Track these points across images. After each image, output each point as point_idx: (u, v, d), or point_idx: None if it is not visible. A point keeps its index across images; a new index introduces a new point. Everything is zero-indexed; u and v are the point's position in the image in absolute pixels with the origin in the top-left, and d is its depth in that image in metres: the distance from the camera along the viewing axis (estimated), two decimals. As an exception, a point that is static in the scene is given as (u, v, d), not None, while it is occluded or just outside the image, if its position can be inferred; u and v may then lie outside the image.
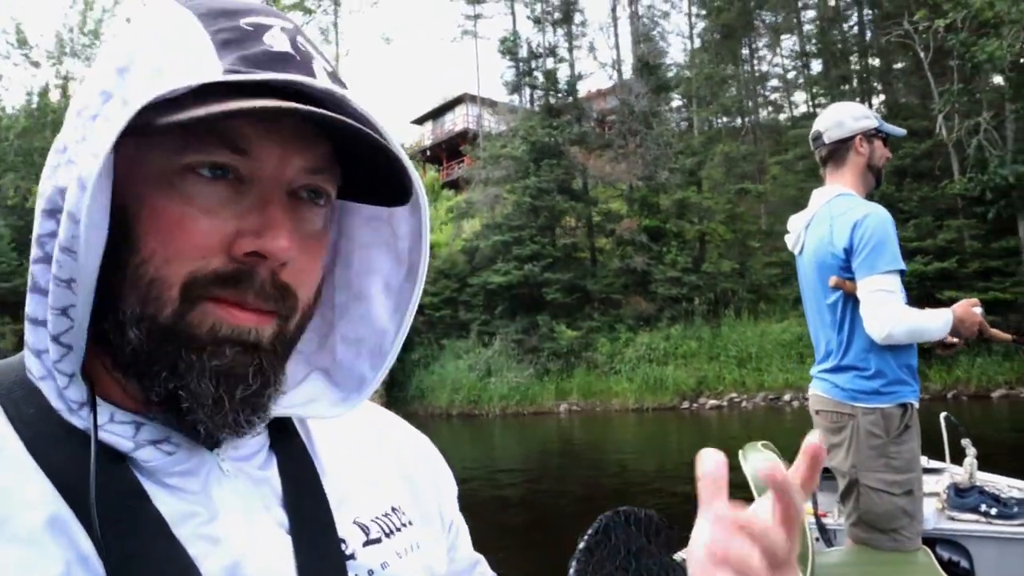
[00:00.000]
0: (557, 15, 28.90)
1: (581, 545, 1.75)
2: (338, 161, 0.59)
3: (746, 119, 26.82)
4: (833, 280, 2.68)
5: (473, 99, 29.94)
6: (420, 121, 47.11)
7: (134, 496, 0.53)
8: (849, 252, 2.63)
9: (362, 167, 0.59)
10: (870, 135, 2.79)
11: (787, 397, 20.76)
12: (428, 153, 43.88)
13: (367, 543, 0.64)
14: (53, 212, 0.52)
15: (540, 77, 28.33)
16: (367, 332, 0.68)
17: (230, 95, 0.49)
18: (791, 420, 18.41)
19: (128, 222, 0.52)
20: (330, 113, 0.50)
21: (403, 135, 45.60)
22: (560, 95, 28.51)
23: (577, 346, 24.13)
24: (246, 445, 0.62)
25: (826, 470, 3.22)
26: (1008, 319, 19.00)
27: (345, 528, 0.63)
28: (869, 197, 2.80)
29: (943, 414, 3.60)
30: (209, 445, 0.58)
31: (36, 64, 31.84)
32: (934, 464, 3.75)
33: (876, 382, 2.69)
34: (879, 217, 2.63)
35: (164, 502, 0.54)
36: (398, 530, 0.68)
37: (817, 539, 3.21)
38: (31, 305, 0.53)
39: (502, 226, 26.61)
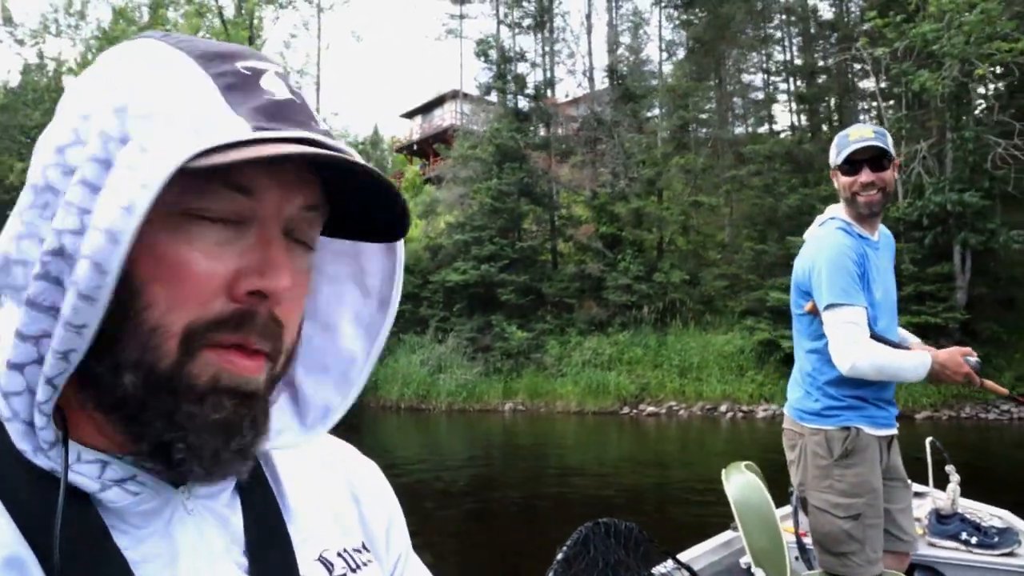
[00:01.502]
0: (530, 21, 29.37)
1: (559, 556, 1.75)
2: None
3: (706, 131, 27.14)
4: (808, 305, 2.73)
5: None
6: (410, 115, 47.55)
7: (97, 536, 0.52)
8: (807, 281, 2.70)
9: (349, 207, 0.60)
10: (835, 169, 2.81)
11: (723, 408, 21.20)
12: (415, 147, 44.35)
13: None
14: (45, 253, 0.50)
15: (510, 81, 28.72)
16: (333, 360, 0.68)
17: (246, 142, 0.50)
18: (725, 431, 18.91)
19: (131, 264, 0.50)
20: (361, 161, 0.53)
21: (392, 128, 45.98)
22: (528, 99, 28.97)
23: (528, 347, 24.59)
24: (211, 485, 0.60)
25: None
26: (939, 343, 19.40)
27: (308, 566, 0.64)
28: (878, 216, 2.79)
29: (928, 439, 3.61)
30: (175, 483, 0.58)
31: (21, 42, 32.31)
32: (917, 488, 3.68)
33: (819, 404, 2.73)
34: (827, 250, 2.65)
35: (126, 543, 0.54)
36: (364, 565, 0.69)
37: (797, 559, 3.21)
38: (17, 348, 0.51)
39: (465, 225, 27.08)
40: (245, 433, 0.55)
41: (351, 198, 0.59)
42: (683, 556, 2.96)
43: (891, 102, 22.17)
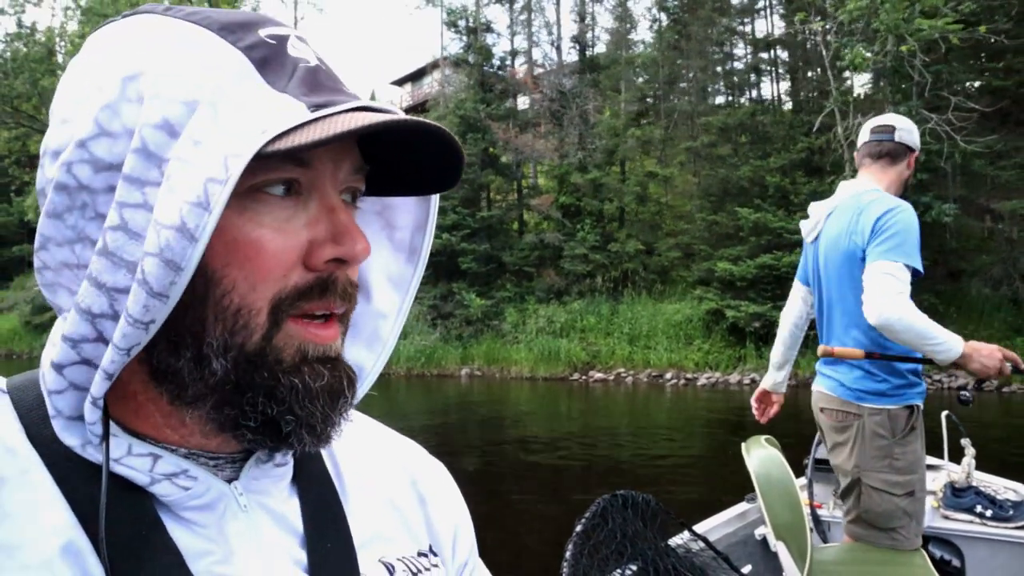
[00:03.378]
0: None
1: (578, 528, 1.74)
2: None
3: (665, 103, 27.40)
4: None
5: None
6: (400, 83, 47.76)
7: (151, 528, 0.52)
8: (870, 237, 2.58)
9: (397, 163, 0.61)
10: (913, 151, 2.84)
11: (668, 376, 21.83)
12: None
13: None
14: (110, 254, 0.49)
15: (475, 52, 29.00)
16: (363, 320, 0.67)
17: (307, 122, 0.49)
18: (670, 397, 19.57)
19: (204, 255, 0.49)
20: (434, 124, 0.53)
21: (383, 95, 46.39)
22: (494, 70, 29.28)
23: (487, 314, 25.24)
24: (267, 477, 0.60)
25: (822, 461, 3.39)
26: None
27: (369, 566, 0.63)
28: None
29: (944, 412, 3.59)
30: (227, 479, 0.58)
31: (1, 11, 32.68)
32: (932, 461, 3.69)
33: (885, 384, 2.67)
34: (910, 213, 2.59)
35: (180, 536, 0.54)
36: (427, 570, 0.67)
37: (811, 530, 3.19)
38: (77, 325, 0.51)
39: (430, 195, 27.55)
40: (347, 393, 0.56)
41: (393, 153, 0.60)
42: (699, 528, 2.94)
43: (845, 75, 22.37)
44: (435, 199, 0.66)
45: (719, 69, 26.37)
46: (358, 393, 0.63)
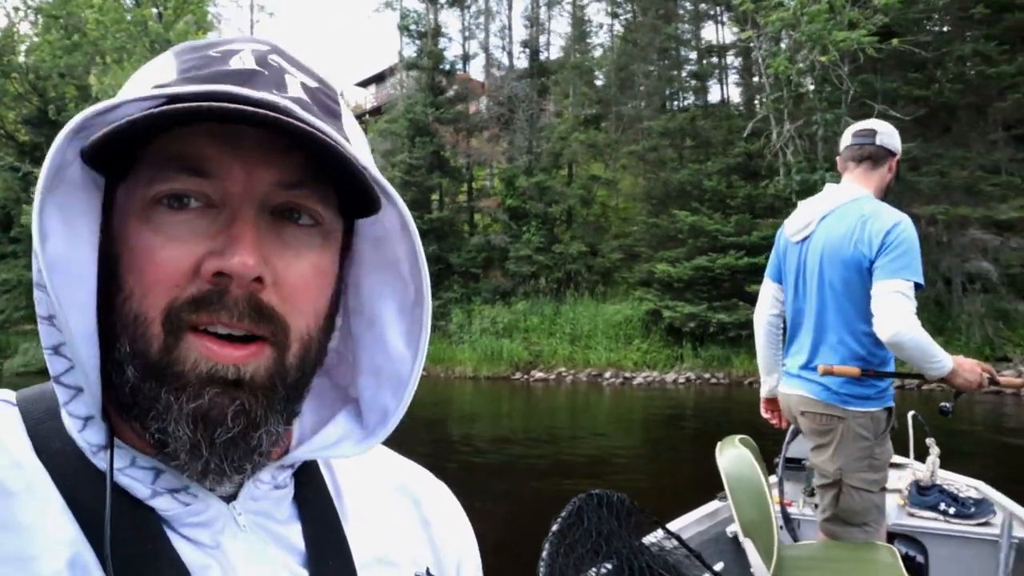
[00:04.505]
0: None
1: (554, 527, 1.74)
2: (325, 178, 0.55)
3: (616, 107, 27.91)
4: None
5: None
6: (364, 84, 47.91)
7: (155, 541, 0.52)
8: (878, 252, 2.61)
9: (339, 180, 0.55)
10: (895, 156, 2.88)
11: (607, 375, 22.30)
12: (368, 116, 44.74)
13: None
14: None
15: (425, 56, 29.36)
16: (384, 360, 0.64)
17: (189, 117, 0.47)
18: (608, 396, 19.98)
19: (114, 263, 0.52)
20: (252, 108, 0.47)
21: (347, 96, 46.56)
22: (443, 74, 29.64)
23: (434, 315, 25.42)
24: (266, 498, 0.60)
25: (793, 460, 3.48)
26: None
27: None
28: None
29: (911, 413, 3.63)
30: (227, 494, 0.57)
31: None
32: (898, 459, 3.73)
33: (871, 387, 2.71)
34: (912, 228, 2.64)
35: (184, 551, 0.53)
36: None
37: (781, 528, 3.21)
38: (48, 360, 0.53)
39: (379, 198, 27.85)
40: (231, 424, 0.52)
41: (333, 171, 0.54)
42: (672, 526, 2.99)
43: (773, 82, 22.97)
44: (414, 233, 0.60)
45: (674, 73, 26.84)
46: (375, 426, 0.63)
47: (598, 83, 29.46)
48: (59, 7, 28.62)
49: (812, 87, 20.57)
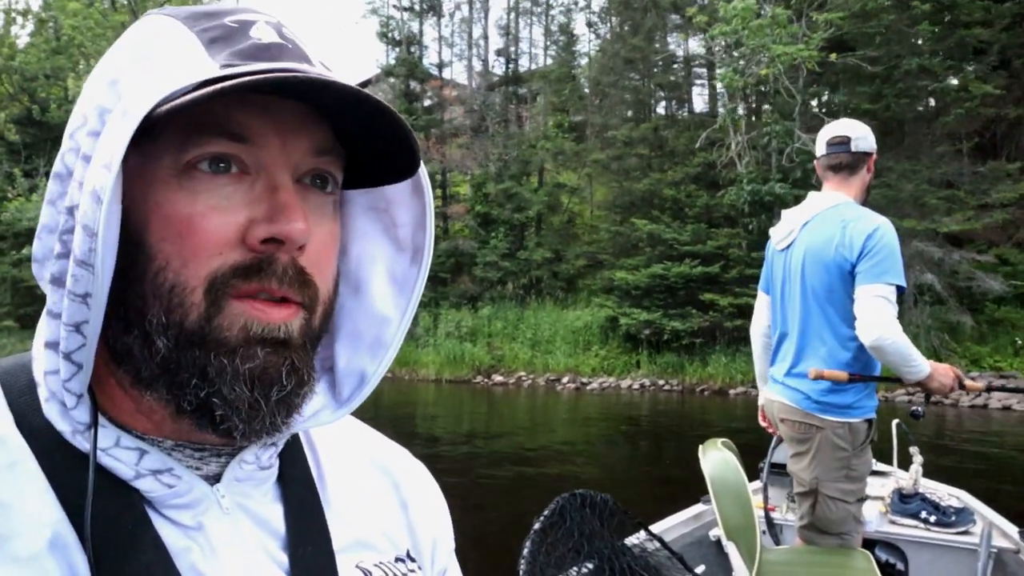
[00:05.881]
0: (425, 4, 30.47)
1: (536, 526, 1.74)
2: (340, 146, 0.57)
3: (586, 115, 28.30)
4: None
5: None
6: (362, 87, 48.49)
7: (137, 522, 0.52)
8: (859, 257, 2.64)
9: (361, 148, 0.58)
10: (872, 156, 2.88)
11: (565, 380, 22.65)
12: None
13: None
14: (62, 232, 0.51)
15: (401, 64, 29.87)
16: (366, 324, 0.65)
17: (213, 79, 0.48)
18: (565, 400, 20.31)
19: (140, 231, 0.51)
20: (325, 76, 0.49)
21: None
22: (417, 82, 30.14)
23: (403, 319, 26.00)
24: (251, 479, 0.60)
25: (778, 465, 3.45)
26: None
27: (347, 571, 0.63)
28: None
29: (895, 421, 3.65)
30: (212, 474, 0.58)
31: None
32: (881, 467, 3.77)
33: (851, 397, 2.72)
34: (892, 231, 2.67)
35: (166, 532, 0.54)
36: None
37: (764, 532, 3.24)
38: (48, 327, 0.52)
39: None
40: (284, 382, 0.53)
41: (362, 138, 0.57)
42: (654, 528, 3.01)
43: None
44: (428, 192, 0.64)
45: (641, 84, 27.14)
46: (348, 396, 0.64)
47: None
48: (45, 8, 29.31)
49: (764, 100, 20.92)
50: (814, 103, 19.96)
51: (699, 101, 29.20)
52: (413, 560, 0.70)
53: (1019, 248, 21.05)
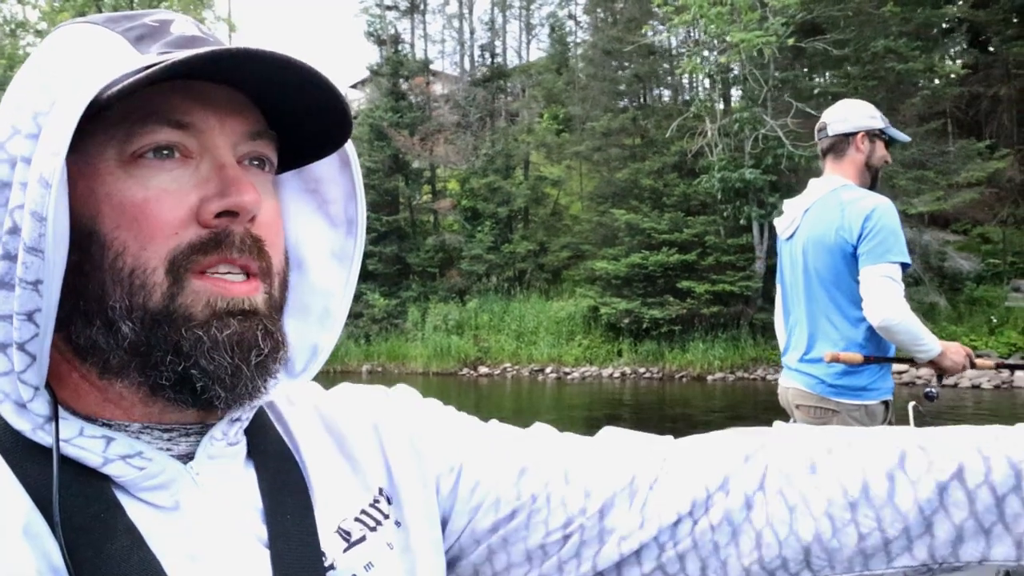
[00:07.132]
0: (405, 4, 30.86)
1: None
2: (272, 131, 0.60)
3: (569, 108, 28.49)
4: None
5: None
6: (355, 87, 48.90)
7: (108, 509, 0.53)
8: (860, 239, 2.64)
9: (293, 127, 0.61)
10: (873, 135, 2.84)
11: (548, 370, 23.01)
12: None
13: (349, 547, 0.63)
14: (3, 234, 0.51)
15: (384, 63, 30.25)
16: (312, 299, 0.68)
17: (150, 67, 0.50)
18: (549, 389, 20.68)
19: (91, 223, 0.52)
20: (258, 47, 0.51)
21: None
22: (403, 79, 30.50)
23: (393, 312, 26.48)
24: (223, 455, 0.60)
25: None
26: (741, 309, 21.11)
27: (327, 537, 0.62)
28: None
29: (911, 403, 3.62)
30: (183, 453, 0.58)
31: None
32: None
33: (866, 379, 2.69)
34: (890, 209, 2.67)
35: (140, 516, 0.54)
36: (385, 518, 0.67)
37: None
38: None
39: (341, 201, 28.96)
40: (262, 345, 0.56)
41: (296, 114, 0.59)
42: None
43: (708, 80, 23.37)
44: (356, 164, 0.66)
45: (619, 74, 27.26)
46: (306, 362, 0.67)
47: (547, 87, 29.98)
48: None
49: (733, 86, 20.98)
50: (785, 89, 19.96)
51: (670, 91, 29.17)
52: (389, 500, 0.69)
53: (1003, 226, 21.00)
